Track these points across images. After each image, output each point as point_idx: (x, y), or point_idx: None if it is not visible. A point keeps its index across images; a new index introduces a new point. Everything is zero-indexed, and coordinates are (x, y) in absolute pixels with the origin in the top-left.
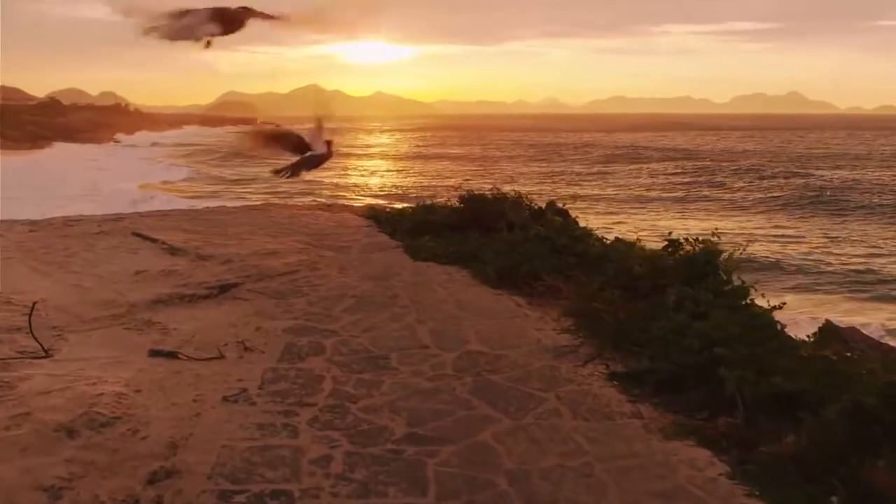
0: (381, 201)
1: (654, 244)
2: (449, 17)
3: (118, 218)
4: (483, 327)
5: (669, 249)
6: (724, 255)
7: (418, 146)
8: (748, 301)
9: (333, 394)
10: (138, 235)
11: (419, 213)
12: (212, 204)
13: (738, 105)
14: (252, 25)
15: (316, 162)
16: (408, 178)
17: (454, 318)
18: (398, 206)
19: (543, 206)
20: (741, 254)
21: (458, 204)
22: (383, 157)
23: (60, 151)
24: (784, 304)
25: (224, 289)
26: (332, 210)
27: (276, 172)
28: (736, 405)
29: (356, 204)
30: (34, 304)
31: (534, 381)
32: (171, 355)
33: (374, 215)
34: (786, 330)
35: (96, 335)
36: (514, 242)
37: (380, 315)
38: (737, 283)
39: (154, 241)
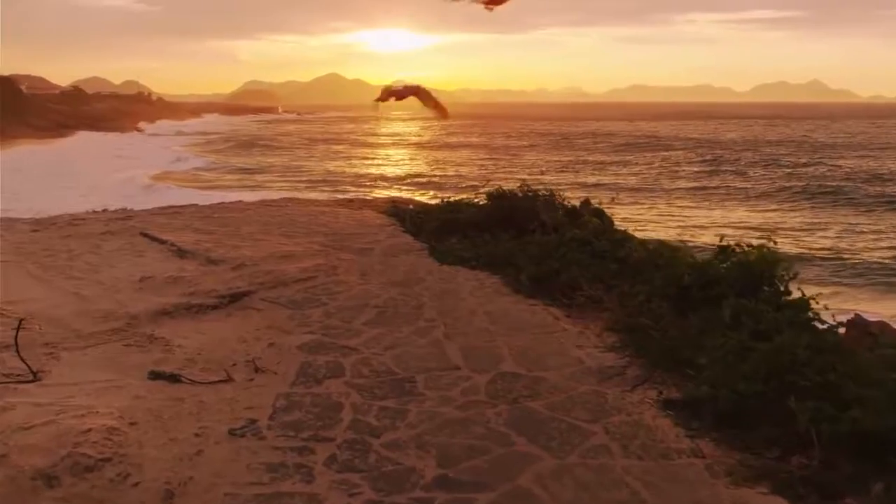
0: (404, 193)
1: (685, 238)
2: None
3: (127, 216)
4: (518, 344)
5: (721, 256)
6: (784, 265)
7: (441, 135)
8: (810, 315)
9: (353, 426)
10: (146, 236)
11: (444, 212)
12: (229, 195)
13: (759, 94)
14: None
15: (406, 93)
16: (432, 167)
17: (486, 333)
18: (422, 198)
19: (577, 204)
20: (809, 255)
21: (485, 201)
22: (407, 145)
23: (82, 140)
24: (851, 320)
25: (235, 298)
26: (352, 207)
27: (378, 99)
28: (811, 442)
29: (379, 196)
30: (20, 321)
31: (578, 410)
32: (174, 378)
33: (397, 213)
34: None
35: (92, 353)
36: (548, 246)
37: (404, 329)
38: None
39: (162, 242)
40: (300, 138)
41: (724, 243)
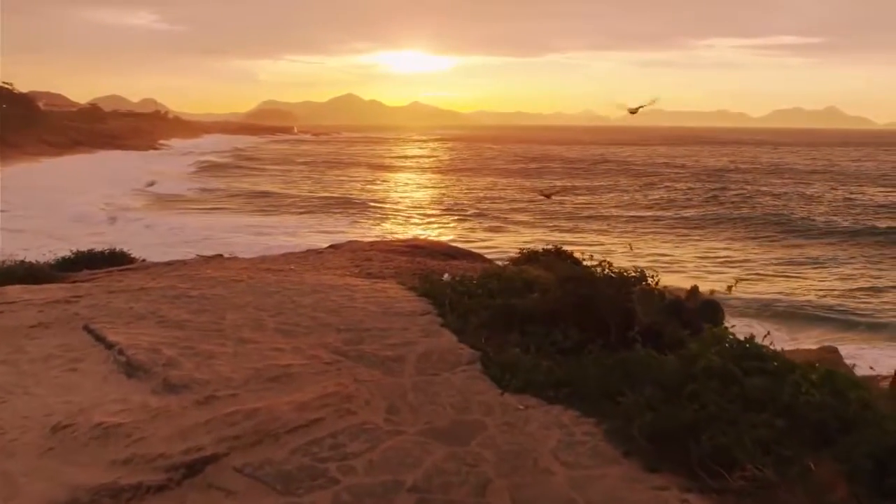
0: (429, 227)
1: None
2: (492, 27)
3: (70, 300)
4: None
5: None
6: None
7: (460, 158)
8: None
9: None
10: (90, 332)
11: (494, 295)
12: (231, 221)
13: (775, 119)
14: None
15: (552, 192)
16: (455, 195)
17: None
18: (451, 237)
19: (683, 294)
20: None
21: (543, 270)
22: (426, 169)
23: (90, 157)
24: None
25: (193, 469)
26: (371, 273)
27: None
28: None
29: (398, 242)
30: None
31: None
32: None
33: (431, 293)
34: None
35: None
36: (668, 376)
37: None
38: None
39: (110, 345)
40: (314, 159)
41: None
